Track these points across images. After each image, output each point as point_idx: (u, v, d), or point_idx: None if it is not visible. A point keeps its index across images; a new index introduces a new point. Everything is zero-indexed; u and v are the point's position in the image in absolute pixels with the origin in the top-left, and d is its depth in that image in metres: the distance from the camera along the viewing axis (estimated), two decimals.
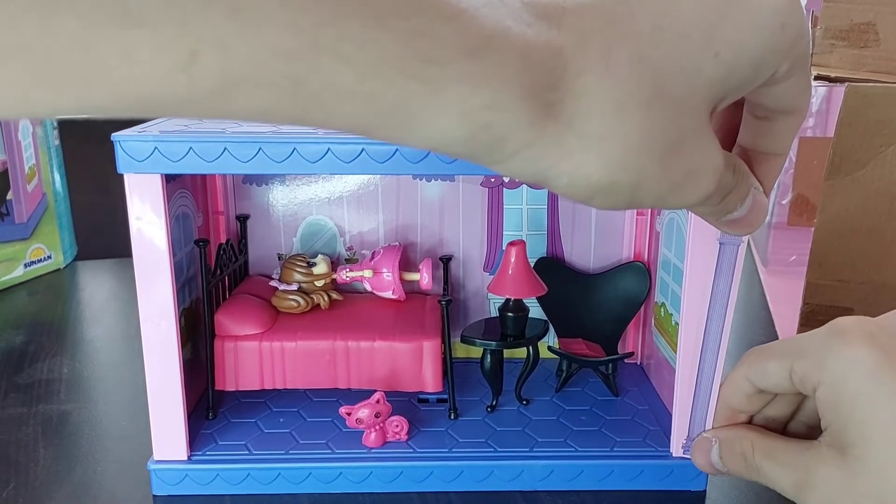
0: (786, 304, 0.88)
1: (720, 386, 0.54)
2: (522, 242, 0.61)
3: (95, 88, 0.21)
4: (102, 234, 1.06)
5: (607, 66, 0.29)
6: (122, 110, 0.22)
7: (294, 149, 0.50)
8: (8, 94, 0.21)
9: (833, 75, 0.55)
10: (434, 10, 0.24)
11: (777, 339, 0.54)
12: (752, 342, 0.54)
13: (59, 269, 1.04)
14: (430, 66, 0.25)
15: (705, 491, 0.57)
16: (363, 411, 0.57)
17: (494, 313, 0.72)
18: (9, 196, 0.97)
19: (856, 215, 0.57)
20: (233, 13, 0.21)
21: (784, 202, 0.96)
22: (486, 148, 0.28)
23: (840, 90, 0.55)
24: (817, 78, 0.55)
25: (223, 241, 0.66)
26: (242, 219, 0.69)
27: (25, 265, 1.00)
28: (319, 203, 0.70)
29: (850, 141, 0.55)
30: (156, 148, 0.50)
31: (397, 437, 0.59)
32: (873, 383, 0.41)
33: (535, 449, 0.58)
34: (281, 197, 0.69)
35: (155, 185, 0.51)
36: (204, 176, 0.65)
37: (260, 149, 0.50)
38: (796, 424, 0.49)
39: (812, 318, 0.61)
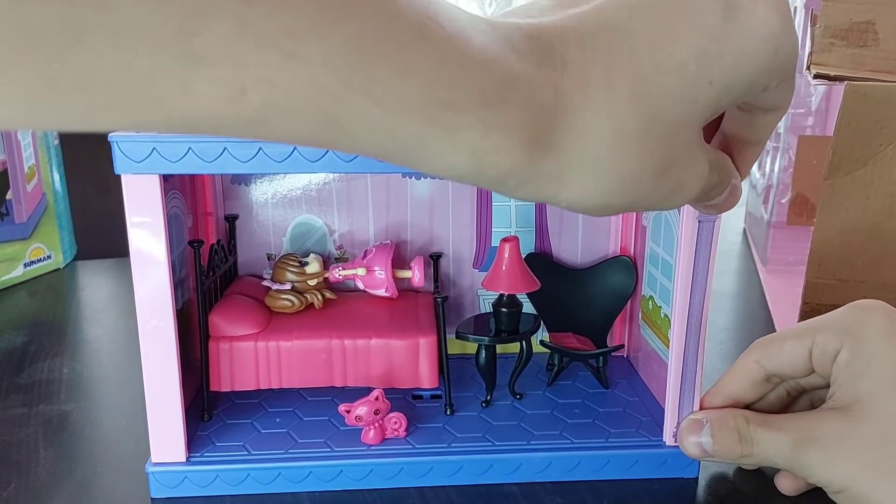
0: (785, 303, 0.84)
1: (722, 377, 0.52)
2: (516, 238, 0.57)
3: (151, 113, 0.22)
4: (102, 234, 1.00)
5: (607, 104, 0.29)
6: (167, 130, 0.23)
7: (294, 148, 0.45)
8: (76, 115, 0.21)
9: (832, 74, 0.52)
10: (457, 61, 0.25)
11: None
12: (752, 341, 0.52)
13: (58, 269, 0.98)
14: (449, 111, 0.26)
15: (697, 478, 0.54)
16: (362, 408, 0.53)
17: (485, 309, 0.68)
18: (8, 196, 0.91)
19: (855, 214, 0.54)
20: (282, 56, 0.22)
21: (783, 201, 0.91)
22: (490, 182, 0.29)
23: (839, 89, 0.51)
24: (816, 77, 0.52)
25: (213, 241, 0.61)
26: (231, 219, 0.64)
27: (25, 265, 0.94)
28: (309, 202, 0.65)
29: (849, 140, 0.52)
30: (154, 148, 0.45)
31: (396, 433, 0.54)
32: (888, 344, 0.43)
33: (532, 442, 0.54)
34: (269, 197, 0.64)
35: (153, 185, 0.47)
36: (193, 176, 0.60)
37: (260, 148, 0.45)
38: None
39: (811, 317, 0.57)
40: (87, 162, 1.01)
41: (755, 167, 1.10)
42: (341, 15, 0.23)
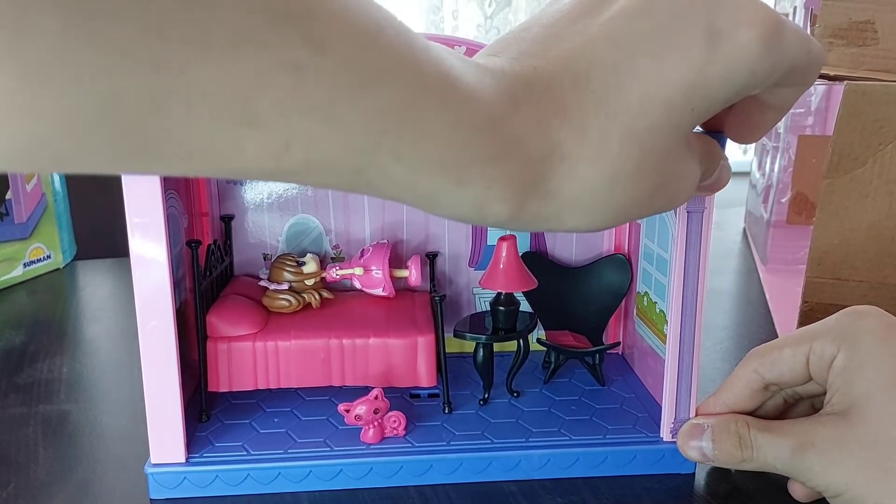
0: (785, 302, 0.82)
1: (720, 387, 0.51)
2: (513, 237, 0.56)
3: (204, 165, 0.24)
4: (102, 234, 0.98)
5: (600, 151, 0.30)
6: (215, 176, 0.26)
7: None
8: (135, 165, 0.23)
9: (832, 73, 0.51)
10: (469, 123, 0.28)
11: (777, 337, 0.51)
12: (752, 340, 0.51)
13: (58, 269, 0.97)
14: (459, 167, 0.28)
15: (694, 473, 0.53)
16: (362, 407, 0.51)
17: (481, 308, 0.66)
18: (8, 196, 0.89)
19: (855, 213, 0.53)
20: (323, 119, 0.24)
21: (783, 200, 0.90)
22: (493, 223, 0.31)
23: (839, 88, 0.50)
24: None
25: (210, 242, 0.60)
26: (227, 219, 0.63)
27: (25, 265, 0.92)
28: (304, 202, 0.63)
29: (849, 139, 0.51)
30: None
31: (395, 432, 0.53)
32: (883, 347, 0.43)
33: (530, 439, 0.53)
34: (265, 197, 0.63)
35: (153, 185, 0.45)
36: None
37: None
38: None
39: (811, 316, 0.56)
40: None
41: (755, 167, 1.09)
42: (376, 82, 0.25)
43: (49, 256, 0.95)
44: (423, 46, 0.27)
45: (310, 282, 0.60)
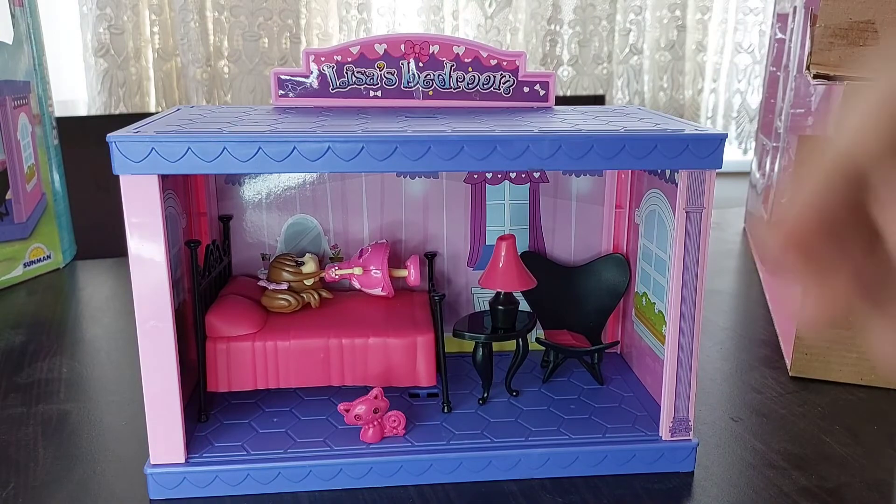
0: (785, 302, 0.82)
1: None
2: (512, 237, 0.56)
3: None
4: (102, 234, 0.98)
5: None
6: None
7: (294, 147, 0.44)
8: None
9: (832, 73, 0.50)
10: None
11: (776, 337, 0.49)
12: (752, 340, 0.50)
13: (58, 269, 0.96)
14: None
15: (693, 472, 0.53)
16: (361, 407, 0.51)
17: (480, 308, 0.66)
18: (8, 196, 0.88)
19: None
20: None
21: (783, 201, 0.90)
22: None
23: (839, 88, 0.50)
24: (816, 76, 0.50)
25: (208, 242, 0.59)
26: (225, 219, 0.62)
27: (25, 265, 0.92)
28: (303, 202, 0.63)
29: None
30: (153, 148, 0.43)
31: (395, 431, 0.53)
32: None
33: (529, 438, 0.53)
34: (263, 197, 0.63)
35: (152, 186, 0.45)
36: (186, 176, 0.58)
37: (259, 148, 0.44)
38: None
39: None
40: (87, 161, 0.99)
41: (755, 167, 1.08)
42: None
43: (49, 256, 0.95)
44: None
45: (309, 282, 0.60)
